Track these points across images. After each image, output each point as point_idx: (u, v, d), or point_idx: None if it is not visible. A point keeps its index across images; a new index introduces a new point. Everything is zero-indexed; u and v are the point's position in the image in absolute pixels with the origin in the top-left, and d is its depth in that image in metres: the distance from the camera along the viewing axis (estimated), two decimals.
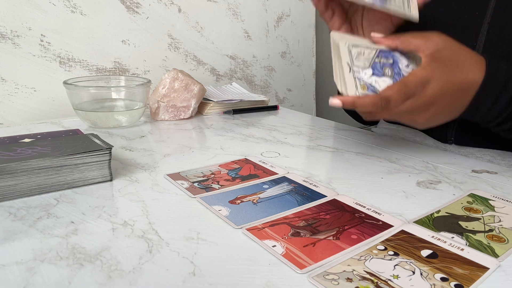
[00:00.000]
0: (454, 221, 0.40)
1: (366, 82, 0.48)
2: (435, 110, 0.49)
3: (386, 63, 0.49)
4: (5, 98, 0.81)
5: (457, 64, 0.48)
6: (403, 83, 0.47)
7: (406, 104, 0.47)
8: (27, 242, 0.35)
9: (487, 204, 0.44)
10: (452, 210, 0.42)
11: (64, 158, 0.45)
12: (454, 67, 0.48)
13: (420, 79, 0.47)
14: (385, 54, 0.50)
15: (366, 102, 0.47)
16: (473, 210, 0.42)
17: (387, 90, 0.47)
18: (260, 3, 1.16)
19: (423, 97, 0.47)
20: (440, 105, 0.49)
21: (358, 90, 0.48)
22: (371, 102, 0.46)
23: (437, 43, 0.48)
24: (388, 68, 0.49)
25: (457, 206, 0.43)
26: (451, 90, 0.48)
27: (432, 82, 0.47)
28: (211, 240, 0.36)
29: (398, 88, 0.47)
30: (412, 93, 0.47)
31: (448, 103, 0.49)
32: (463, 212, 0.42)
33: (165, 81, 0.79)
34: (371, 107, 0.47)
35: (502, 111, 0.50)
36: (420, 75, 0.47)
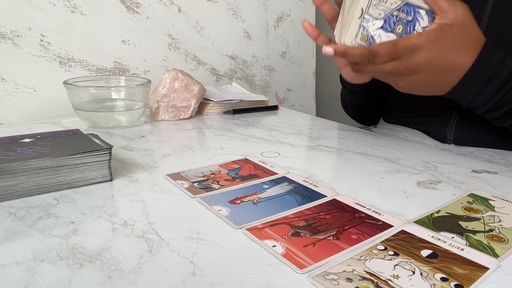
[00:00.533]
0: (454, 221, 0.40)
1: (368, 33, 0.49)
2: (416, 78, 0.50)
3: (404, 19, 0.48)
4: (5, 98, 0.81)
5: (455, 44, 0.48)
6: (393, 43, 0.48)
7: (390, 64, 0.50)
8: (27, 242, 0.35)
9: (487, 204, 0.44)
10: (452, 210, 0.42)
11: (64, 158, 0.45)
12: (451, 45, 0.48)
13: (411, 44, 0.48)
14: (408, 9, 0.48)
15: (355, 52, 0.50)
16: (473, 210, 0.42)
17: (377, 46, 0.49)
18: (260, 3, 1.16)
19: (407, 62, 0.49)
20: (423, 75, 0.50)
21: (357, 39, 0.48)
22: (359, 53, 0.49)
23: (456, 18, 0.48)
24: (400, 25, 0.48)
25: (457, 206, 0.43)
26: (436, 66, 0.49)
27: (421, 51, 0.48)
28: (211, 240, 0.36)
29: (387, 47, 0.49)
30: (399, 55, 0.49)
31: (432, 77, 0.50)
32: (463, 212, 0.42)
33: (165, 81, 0.79)
34: (358, 58, 0.49)
35: (491, 97, 0.51)
36: (412, 41, 0.48)
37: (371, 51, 0.49)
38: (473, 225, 0.39)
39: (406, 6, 0.48)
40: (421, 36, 0.48)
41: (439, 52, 0.48)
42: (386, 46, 0.48)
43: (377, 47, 0.49)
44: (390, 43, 0.49)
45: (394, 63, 0.49)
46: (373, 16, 0.48)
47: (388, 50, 0.48)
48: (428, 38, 0.48)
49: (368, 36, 0.48)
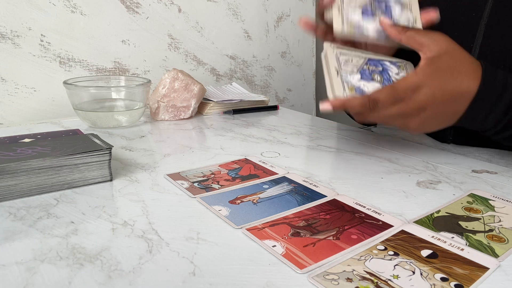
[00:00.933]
0: (454, 221, 0.40)
1: (354, 85, 0.49)
2: (427, 115, 0.49)
3: (375, 70, 0.50)
4: (5, 98, 0.81)
5: (453, 71, 0.48)
6: (392, 87, 0.47)
7: (394, 108, 0.48)
8: (27, 242, 0.35)
9: (487, 204, 0.44)
10: (452, 210, 0.42)
11: (64, 158, 0.45)
12: (449, 74, 0.48)
13: (411, 84, 0.47)
14: (374, 63, 0.51)
15: (354, 103, 0.47)
16: (473, 210, 0.42)
17: (375, 92, 0.47)
18: (260, 3, 1.16)
19: (413, 102, 0.47)
20: (432, 111, 0.48)
21: (346, 92, 0.48)
22: (359, 102, 0.47)
23: (441, 48, 0.48)
24: (377, 75, 0.50)
25: (457, 206, 0.43)
26: (443, 97, 0.48)
27: (424, 88, 0.47)
28: (211, 240, 0.36)
29: (387, 91, 0.47)
30: (401, 97, 0.47)
31: (441, 110, 0.49)
32: (463, 212, 0.42)
33: (165, 81, 0.79)
34: (359, 107, 0.47)
35: (500, 119, 0.50)
36: (411, 81, 0.47)
37: (370, 98, 0.47)
38: (473, 225, 0.39)
39: (370, 61, 0.51)
40: (418, 74, 0.47)
41: (441, 83, 0.47)
42: (385, 90, 0.47)
43: (375, 93, 0.47)
44: (389, 87, 0.47)
45: (399, 106, 0.47)
46: (348, 71, 0.49)
47: (388, 93, 0.47)
48: (426, 73, 0.47)
49: (355, 87, 0.49)
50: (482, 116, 0.50)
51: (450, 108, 0.49)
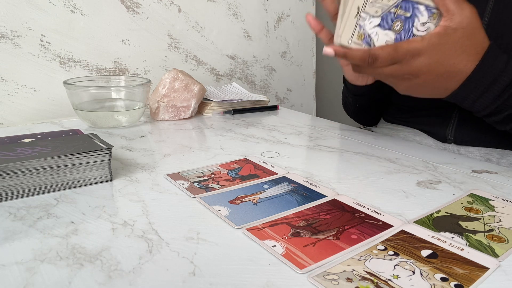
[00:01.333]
0: (454, 221, 0.40)
1: (365, 32, 0.48)
2: (416, 82, 0.50)
3: (402, 15, 0.47)
4: (5, 98, 0.81)
5: (457, 48, 0.48)
6: (394, 47, 0.48)
7: (390, 68, 0.49)
8: (27, 242, 0.35)
9: (487, 204, 0.44)
10: (452, 210, 0.42)
11: (64, 158, 0.45)
12: (453, 50, 0.48)
13: (412, 49, 0.47)
14: (406, 5, 0.47)
15: (355, 55, 0.49)
16: (473, 210, 0.42)
17: (378, 49, 0.48)
18: (260, 3, 1.16)
19: (408, 66, 0.48)
20: (423, 79, 0.50)
21: (353, 38, 0.48)
22: (359, 56, 0.49)
23: (462, 21, 0.47)
24: (399, 22, 0.47)
25: (457, 206, 0.43)
26: (437, 71, 0.49)
27: (422, 56, 0.48)
28: (211, 240, 0.36)
29: (388, 51, 0.48)
30: (399, 59, 0.48)
31: (432, 81, 0.50)
32: (463, 212, 0.42)
33: (165, 81, 0.79)
34: (358, 60, 0.49)
35: (491, 102, 0.51)
36: (414, 46, 0.47)
37: (371, 54, 0.48)
38: (473, 225, 0.39)
39: (404, 2, 0.47)
40: (423, 41, 0.47)
41: (441, 57, 0.48)
42: (386, 50, 0.48)
43: (377, 50, 0.48)
44: (391, 47, 0.48)
45: (394, 66, 0.49)
46: (369, 14, 0.47)
47: (388, 54, 0.48)
48: (430, 43, 0.47)
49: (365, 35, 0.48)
50: (472, 96, 0.51)
51: (442, 83, 0.50)
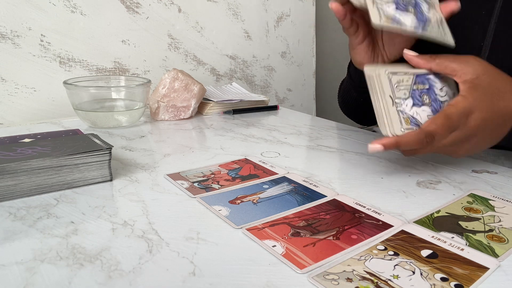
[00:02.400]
0: (454, 221, 0.40)
1: (408, 115, 0.46)
2: (477, 140, 0.47)
3: (423, 89, 0.48)
4: (5, 98, 0.81)
5: (497, 91, 0.46)
6: (446, 116, 0.44)
7: (450, 137, 0.45)
8: (27, 242, 0.35)
9: (487, 204, 0.44)
10: (452, 210, 0.42)
11: (64, 158, 0.45)
12: (495, 94, 0.46)
13: (463, 110, 0.44)
14: (420, 79, 0.48)
15: (410, 140, 0.44)
16: (473, 210, 0.42)
17: (430, 125, 0.44)
18: (260, 3, 1.16)
19: (466, 128, 0.45)
20: (482, 135, 0.47)
21: (403, 126, 0.45)
22: (415, 139, 0.44)
23: (476, 69, 0.46)
24: (425, 95, 0.47)
25: (457, 206, 0.43)
26: (493, 119, 0.46)
27: (475, 113, 0.45)
28: (211, 240, 0.36)
29: (442, 122, 0.44)
30: (456, 125, 0.45)
31: (490, 132, 0.47)
32: (463, 212, 0.42)
33: (165, 81, 0.79)
34: (415, 144, 0.44)
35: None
36: (463, 106, 0.44)
37: (427, 133, 0.44)
38: (473, 225, 0.39)
39: (417, 78, 0.48)
40: (467, 98, 0.44)
41: (490, 105, 0.45)
42: (440, 122, 0.44)
43: (431, 126, 0.44)
44: (443, 117, 0.44)
45: (454, 134, 0.45)
46: (401, 98, 0.46)
47: (443, 124, 0.44)
48: (474, 97, 0.45)
49: (410, 118, 0.46)
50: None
51: (498, 129, 0.48)
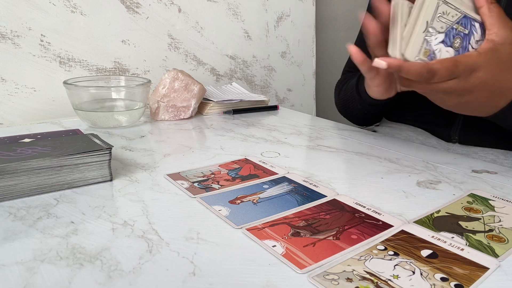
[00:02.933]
0: (454, 221, 0.40)
1: (431, 48, 0.44)
2: (468, 99, 0.47)
3: (462, 32, 0.45)
4: (5, 98, 0.81)
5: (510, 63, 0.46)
6: (454, 62, 0.44)
7: (447, 83, 0.45)
8: (27, 242, 0.35)
9: (487, 204, 0.44)
10: (452, 210, 0.42)
11: (64, 158, 0.45)
12: (506, 65, 0.46)
13: (472, 63, 0.44)
14: (465, 22, 0.46)
15: (412, 69, 0.44)
16: (473, 210, 0.42)
17: (437, 63, 0.44)
18: (260, 3, 1.16)
19: (465, 82, 0.45)
20: (476, 96, 0.47)
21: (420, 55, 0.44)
22: (417, 70, 0.43)
23: (507, 36, 0.46)
24: (458, 39, 0.45)
25: (457, 206, 0.43)
26: (492, 87, 0.46)
27: (480, 71, 0.45)
28: (211, 240, 0.36)
29: (448, 66, 0.44)
30: (458, 74, 0.44)
31: (484, 98, 0.47)
32: (463, 212, 0.42)
33: (165, 81, 0.79)
34: (415, 75, 0.44)
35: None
36: (474, 60, 0.45)
37: (430, 69, 0.43)
38: (473, 225, 0.39)
39: (464, 19, 0.46)
40: (480, 56, 0.45)
41: (497, 73, 0.45)
42: (447, 65, 0.44)
43: (436, 65, 0.43)
44: (451, 62, 0.44)
45: (452, 82, 0.45)
46: (436, 29, 0.44)
47: (449, 69, 0.44)
48: (487, 58, 0.45)
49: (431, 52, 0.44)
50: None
51: (492, 99, 0.48)
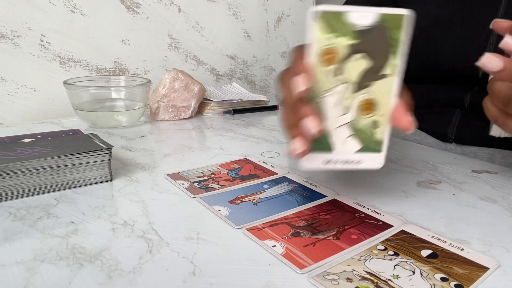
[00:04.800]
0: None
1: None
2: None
3: None
4: (5, 98, 0.81)
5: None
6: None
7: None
8: (27, 242, 0.35)
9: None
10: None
11: (64, 158, 0.45)
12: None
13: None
14: None
15: None
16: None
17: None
18: (260, 3, 1.16)
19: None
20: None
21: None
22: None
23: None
24: None
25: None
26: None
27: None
28: (211, 240, 0.36)
29: None
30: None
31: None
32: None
33: (165, 81, 0.79)
34: None
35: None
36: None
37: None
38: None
39: None
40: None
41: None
42: None
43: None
44: None
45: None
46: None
47: None
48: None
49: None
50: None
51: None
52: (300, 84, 0.33)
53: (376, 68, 0.35)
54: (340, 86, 0.35)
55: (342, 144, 0.37)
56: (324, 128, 0.36)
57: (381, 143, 0.37)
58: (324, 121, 0.36)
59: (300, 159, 0.36)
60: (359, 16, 0.33)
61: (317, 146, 0.36)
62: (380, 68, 0.35)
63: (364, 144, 0.37)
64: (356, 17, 0.33)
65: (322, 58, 0.35)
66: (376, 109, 0.36)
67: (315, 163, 0.37)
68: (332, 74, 0.35)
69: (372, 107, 0.36)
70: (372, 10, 0.33)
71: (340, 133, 0.37)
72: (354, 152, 0.37)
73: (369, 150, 0.37)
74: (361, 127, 0.36)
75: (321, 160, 0.37)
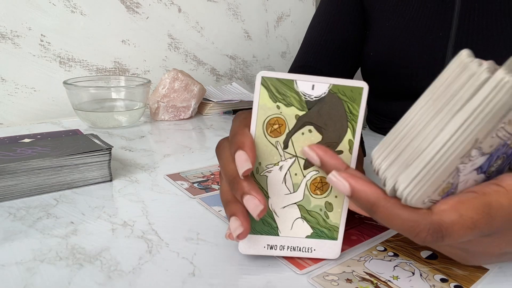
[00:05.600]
0: None
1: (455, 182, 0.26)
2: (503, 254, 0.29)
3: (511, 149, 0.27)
4: (5, 98, 0.81)
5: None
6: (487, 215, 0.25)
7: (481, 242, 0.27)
8: (27, 242, 0.35)
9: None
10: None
11: (64, 158, 0.45)
12: None
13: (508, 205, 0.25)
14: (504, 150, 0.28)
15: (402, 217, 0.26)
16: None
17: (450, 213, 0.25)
18: (260, 3, 1.16)
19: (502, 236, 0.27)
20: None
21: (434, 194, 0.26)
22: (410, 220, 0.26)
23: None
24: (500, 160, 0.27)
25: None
26: None
27: None
28: (210, 240, 0.36)
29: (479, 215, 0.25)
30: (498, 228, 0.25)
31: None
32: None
33: (165, 81, 0.79)
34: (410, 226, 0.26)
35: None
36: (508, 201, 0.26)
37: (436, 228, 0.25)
38: None
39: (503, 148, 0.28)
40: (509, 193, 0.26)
41: None
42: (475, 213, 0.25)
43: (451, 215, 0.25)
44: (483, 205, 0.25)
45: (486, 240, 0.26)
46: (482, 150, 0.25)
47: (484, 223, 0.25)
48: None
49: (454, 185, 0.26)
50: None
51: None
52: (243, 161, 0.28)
53: (329, 143, 0.31)
54: (288, 160, 0.31)
55: (289, 228, 0.32)
56: (269, 207, 0.31)
57: (336, 228, 0.32)
58: (269, 199, 0.31)
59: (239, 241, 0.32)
60: (312, 86, 0.30)
61: (260, 227, 0.32)
62: (334, 143, 0.31)
63: (315, 229, 0.32)
64: (308, 86, 0.30)
65: (268, 128, 0.30)
66: (329, 189, 0.32)
67: (256, 247, 0.32)
68: (279, 146, 0.31)
69: (325, 186, 0.31)
70: (326, 80, 0.30)
71: (287, 214, 0.32)
72: (304, 237, 0.32)
73: (322, 236, 0.32)
74: (312, 208, 0.32)
75: (264, 245, 0.32)
